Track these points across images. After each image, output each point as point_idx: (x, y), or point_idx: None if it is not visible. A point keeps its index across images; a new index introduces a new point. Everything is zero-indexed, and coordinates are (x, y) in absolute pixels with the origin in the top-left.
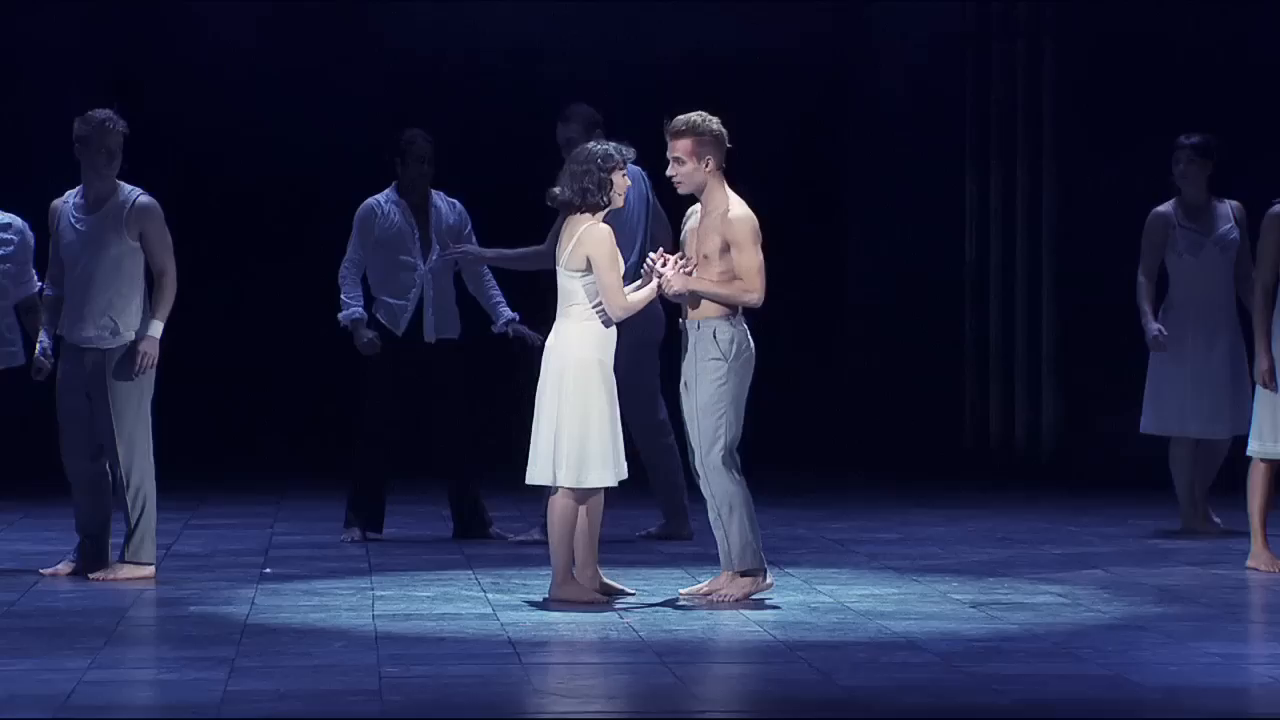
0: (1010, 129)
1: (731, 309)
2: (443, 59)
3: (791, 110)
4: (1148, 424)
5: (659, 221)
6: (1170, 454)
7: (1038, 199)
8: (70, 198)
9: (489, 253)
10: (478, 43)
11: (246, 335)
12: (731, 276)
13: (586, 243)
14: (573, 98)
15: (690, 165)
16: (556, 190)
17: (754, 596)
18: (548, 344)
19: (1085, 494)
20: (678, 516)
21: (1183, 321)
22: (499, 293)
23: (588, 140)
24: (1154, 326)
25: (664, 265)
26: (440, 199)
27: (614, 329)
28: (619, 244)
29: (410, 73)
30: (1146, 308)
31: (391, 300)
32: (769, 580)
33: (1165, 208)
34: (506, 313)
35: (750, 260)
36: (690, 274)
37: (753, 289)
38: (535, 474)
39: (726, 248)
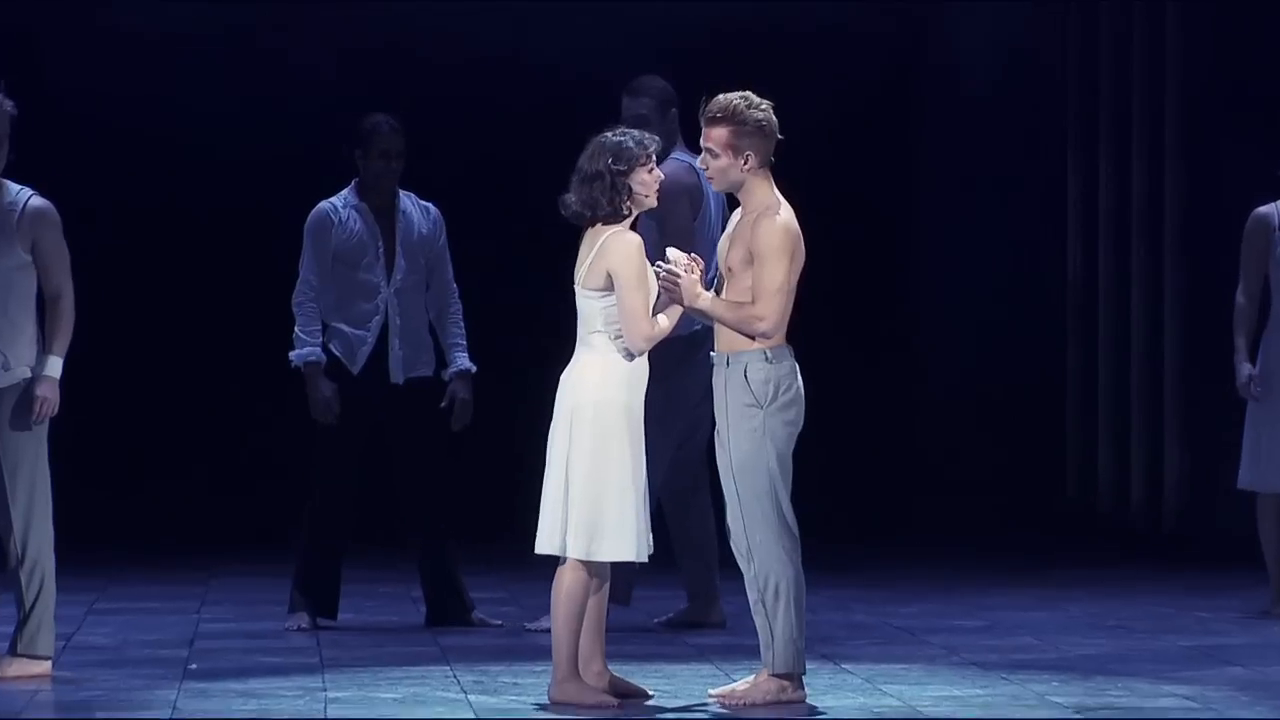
0: (1124, 109)
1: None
2: (420, 28)
3: (849, 88)
4: (1245, 477)
5: None
6: (1258, 513)
7: (1159, 198)
8: None
9: None
10: (462, 5)
11: (164, 374)
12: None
13: (609, 254)
14: (585, 73)
15: (725, 160)
16: (570, 198)
17: (782, 705)
18: (562, 378)
19: (1219, 571)
20: (707, 598)
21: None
22: (462, 332)
23: (663, 121)
24: (1245, 369)
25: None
26: (411, 202)
27: (645, 365)
28: (702, 252)
29: (379, 45)
30: (1241, 341)
31: (349, 329)
32: (802, 693)
33: (1269, 208)
34: (462, 362)
35: (768, 278)
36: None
37: (762, 315)
38: (542, 541)
39: (753, 260)
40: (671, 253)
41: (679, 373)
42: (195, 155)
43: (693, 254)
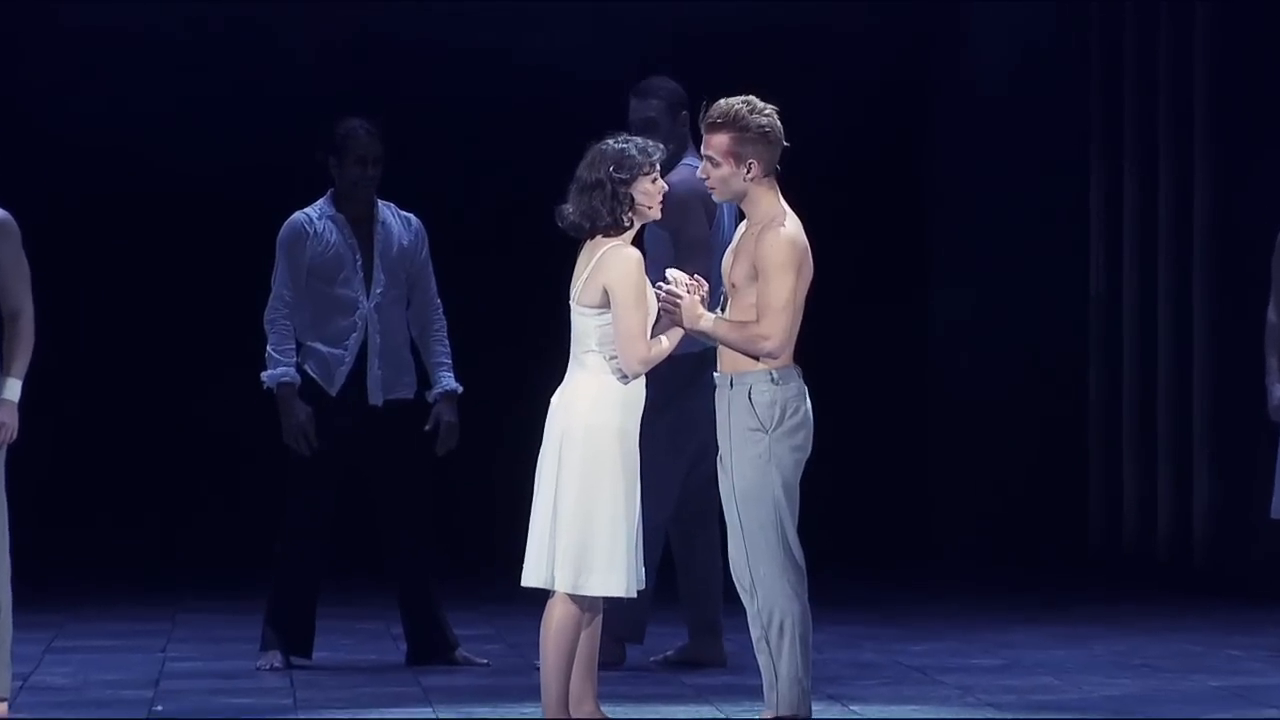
0: (1150, 114)
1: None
2: (402, 23)
3: (856, 92)
4: (1279, 507)
5: None
6: None
7: (1187, 208)
8: None
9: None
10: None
11: (127, 394)
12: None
13: (607, 268)
14: (583, 74)
15: (726, 169)
16: (568, 208)
17: None
18: (553, 400)
19: (1251, 606)
20: (709, 635)
21: None
22: (447, 351)
23: (673, 124)
24: (1277, 391)
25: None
26: (391, 213)
27: (642, 387)
28: (707, 273)
29: (359, 43)
30: (1273, 362)
31: (325, 348)
32: None
33: None
34: (447, 382)
35: (773, 295)
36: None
37: (768, 334)
38: (529, 573)
39: (758, 275)
40: (672, 273)
41: (687, 394)
42: (171, 161)
43: (695, 274)
